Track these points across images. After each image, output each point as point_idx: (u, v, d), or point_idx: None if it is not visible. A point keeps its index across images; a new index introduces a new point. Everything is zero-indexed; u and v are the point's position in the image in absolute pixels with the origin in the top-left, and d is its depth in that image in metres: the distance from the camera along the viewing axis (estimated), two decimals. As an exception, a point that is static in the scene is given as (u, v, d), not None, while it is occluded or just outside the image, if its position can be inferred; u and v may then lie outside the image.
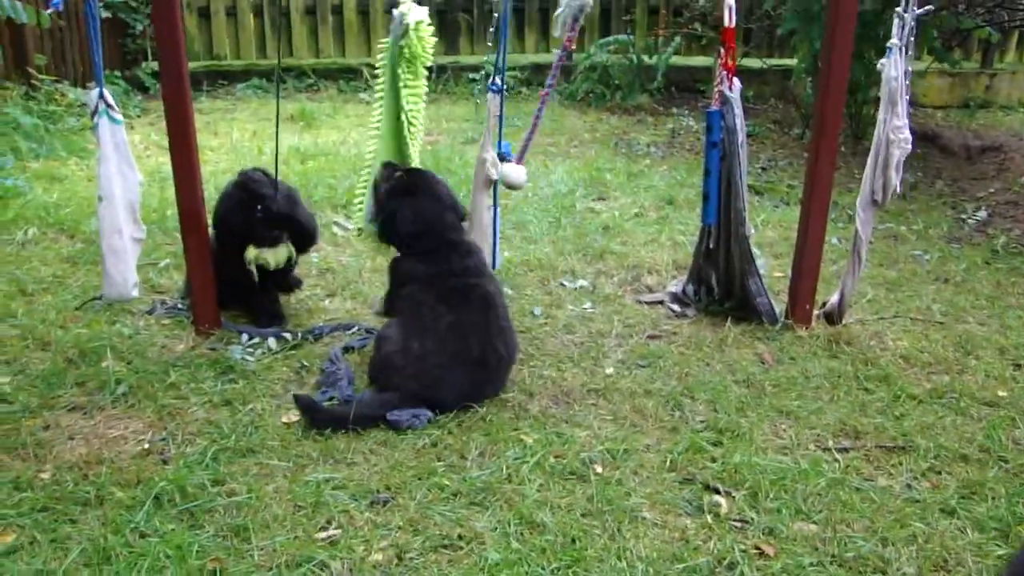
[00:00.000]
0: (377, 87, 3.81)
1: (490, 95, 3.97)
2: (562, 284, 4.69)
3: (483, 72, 9.17)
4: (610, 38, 8.92)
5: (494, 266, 4.10)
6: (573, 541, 2.80)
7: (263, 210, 4.08)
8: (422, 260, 3.68)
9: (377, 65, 3.81)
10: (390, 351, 3.57)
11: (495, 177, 3.95)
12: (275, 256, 4.13)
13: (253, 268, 4.10)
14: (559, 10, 3.85)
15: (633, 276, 4.80)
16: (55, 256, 4.88)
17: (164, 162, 6.19)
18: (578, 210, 5.69)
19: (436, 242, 3.68)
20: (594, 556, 2.74)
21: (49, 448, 3.25)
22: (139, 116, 8.16)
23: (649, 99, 8.75)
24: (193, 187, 3.94)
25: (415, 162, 3.89)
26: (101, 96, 3.69)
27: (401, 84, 3.72)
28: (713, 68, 8.46)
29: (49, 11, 3.87)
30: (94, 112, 3.71)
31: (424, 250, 3.68)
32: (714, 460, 3.24)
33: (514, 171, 3.97)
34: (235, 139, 7.20)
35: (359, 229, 4.02)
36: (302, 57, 10.10)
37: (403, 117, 3.77)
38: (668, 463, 3.21)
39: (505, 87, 4.00)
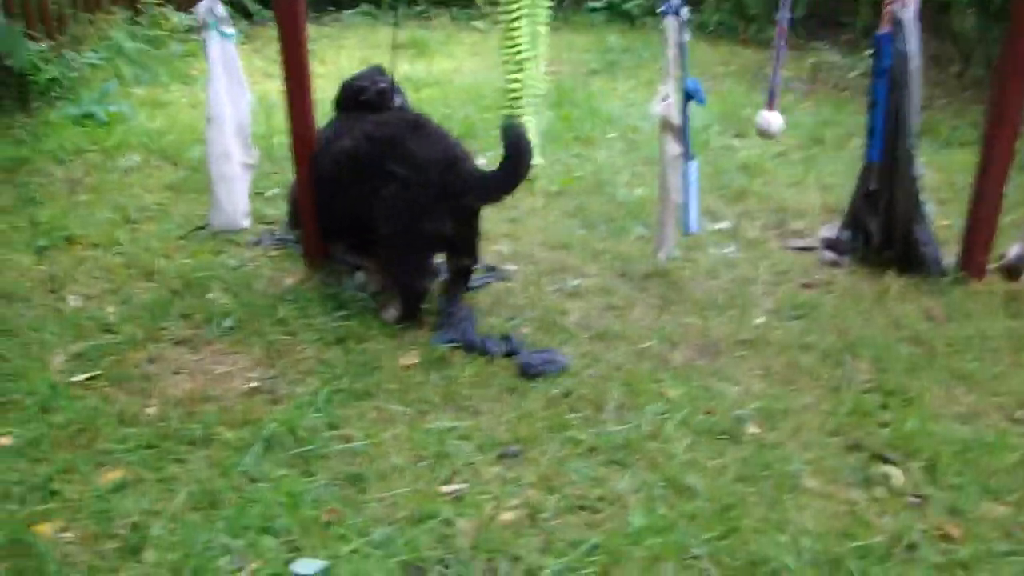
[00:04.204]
0: (512, 10, 3.39)
1: (668, 19, 3.45)
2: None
3: (605, 1, 8.79)
4: (744, -35, 8.40)
5: (689, 229, 3.69)
6: (727, 509, 2.52)
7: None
8: None
9: None
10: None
11: (677, 121, 3.51)
12: None
13: None
14: None
15: (778, 220, 4.38)
16: (157, 184, 4.70)
17: (270, 89, 5.99)
18: (714, 147, 5.27)
19: None
20: (751, 527, 2.45)
21: (155, 382, 3.08)
22: (243, 43, 7.91)
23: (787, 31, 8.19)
24: (304, 112, 3.67)
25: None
26: (212, 8, 3.42)
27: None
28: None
29: None
30: (202, 26, 3.44)
31: None
32: (883, 426, 2.89)
33: (772, 118, 3.53)
34: (342, 67, 6.94)
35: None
36: (413, -17, 9.77)
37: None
38: (831, 426, 2.88)
39: (684, 8, 3.47)
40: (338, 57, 7.34)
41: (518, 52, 3.35)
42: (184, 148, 5.05)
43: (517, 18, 3.35)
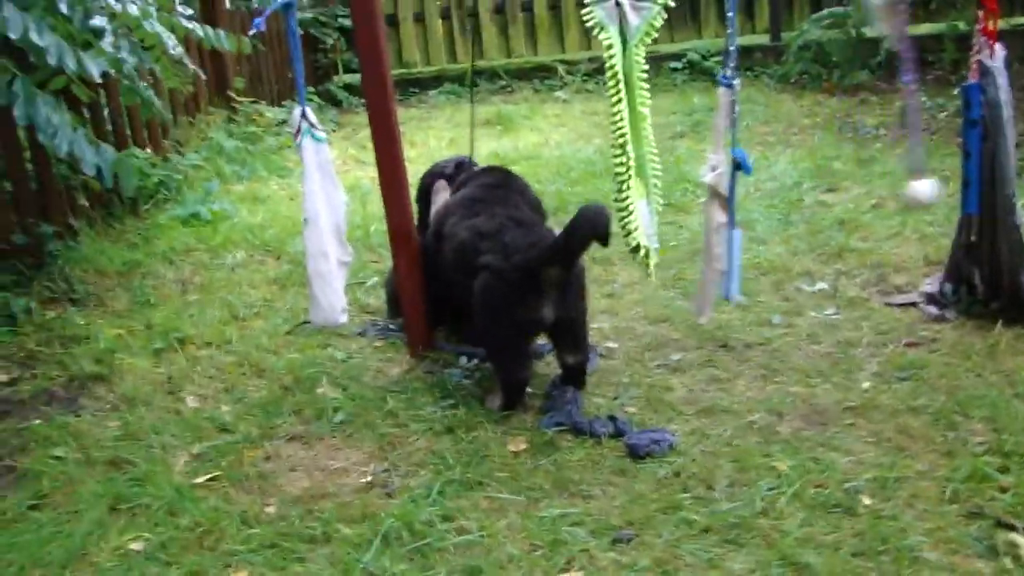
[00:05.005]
0: (611, 90, 3.43)
1: (721, 90, 3.50)
2: (799, 288, 4.26)
3: (685, 60, 8.83)
4: (824, 12, 8.35)
5: (730, 296, 3.67)
6: (846, 587, 2.46)
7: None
8: None
9: (607, 64, 3.44)
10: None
11: (724, 190, 3.52)
12: None
13: None
14: None
15: (878, 276, 4.32)
16: (263, 279, 4.85)
17: (363, 176, 6.16)
18: (807, 204, 5.24)
19: None
20: (873, 606, 2.39)
21: (272, 481, 3.16)
22: (334, 131, 8.18)
23: (870, 76, 8.10)
24: (402, 202, 3.80)
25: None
26: (304, 115, 3.57)
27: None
28: (944, 35, 7.79)
29: (252, 32, 3.78)
30: (297, 131, 3.59)
31: None
32: (1003, 490, 2.80)
33: (925, 187, 3.53)
34: (432, 148, 7.09)
35: (636, 247, 3.42)
36: (493, 58, 9.94)
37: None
38: (948, 493, 2.81)
39: (737, 79, 3.52)
40: (427, 138, 7.51)
41: (621, 135, 3.38)
42: (285, 242, 5.21)
43: (617, 101, 3.38)
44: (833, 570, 2.52)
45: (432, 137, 7.55)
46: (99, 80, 3.84)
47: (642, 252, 3.40)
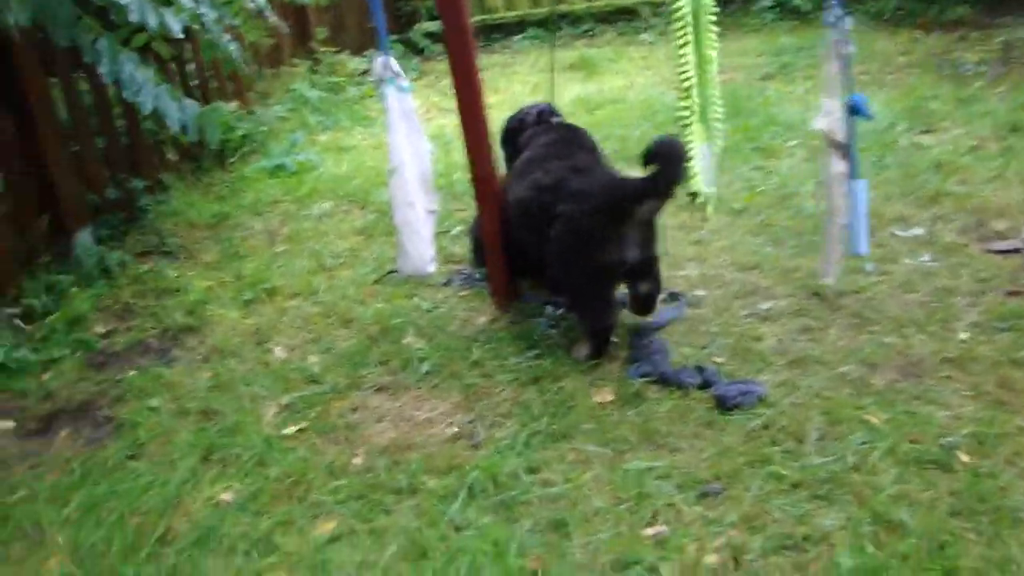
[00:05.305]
0: (678, 32, 3.33)
1: (828, 30, 3.31)
2: (893, 233, 4.11)
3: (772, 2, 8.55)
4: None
5: (858, 251, 3.46)
6: (942, 547, 2.41)
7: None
8: None
9: (674, 6, 3.33)
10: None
11: (840, 137, 3.32)
12: None
13: None
14: None
15: (978, 221, 4.15)
16: (349, 228, 4.88)
17: (446, 124, 6.13)
18: (902, 146, 5.04)
19: None
20: (970, 567, 2.34)
21: (359, 431, 3.20)
22: (416, 79, 8.15)
23: (970, 10, 7.74)
24: (484, 151, 3.75)
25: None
26: (387, 64, 3.53)
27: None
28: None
29: None
30: (380, 81, 3.56)
31: None
32: (1112, 448, 2.69)
33: None
34: (516, 93, 7.00)
35: (695, 193, 3.40)
36: (575, 2, 9.77)
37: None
38: (1053, 451, 2.71)
39: (846, 17, 3.34)
40: (510, 84, 7.42)
41: (686, 79, 3.28)
42: (370, 192, 5.23)
43: (683, 44, 3.29)
44: (928, 529, 2.45)
45: (516, 83, 7.45)
46: (180, 35, 3.86)
47: (700, 198, 3.33)
